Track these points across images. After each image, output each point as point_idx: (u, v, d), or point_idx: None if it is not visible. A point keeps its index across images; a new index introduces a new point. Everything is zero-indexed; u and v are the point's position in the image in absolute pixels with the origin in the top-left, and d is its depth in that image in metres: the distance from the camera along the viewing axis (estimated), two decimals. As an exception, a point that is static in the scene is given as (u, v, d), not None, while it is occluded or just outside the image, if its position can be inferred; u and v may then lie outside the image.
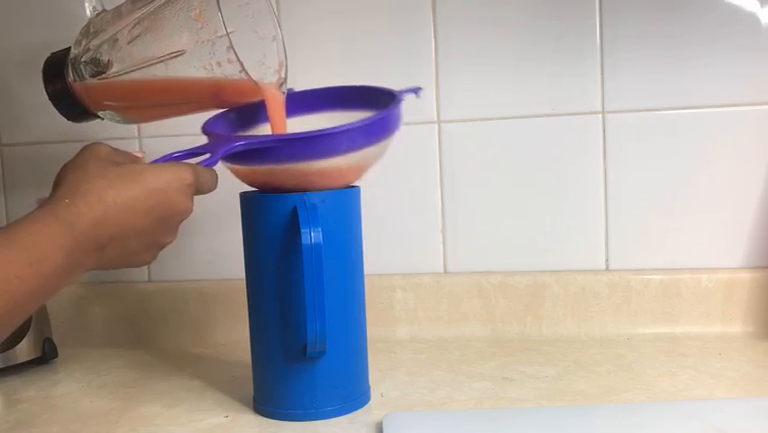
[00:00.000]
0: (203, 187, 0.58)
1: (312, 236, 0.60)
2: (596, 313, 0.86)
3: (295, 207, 0.61)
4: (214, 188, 0.59)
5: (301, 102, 0.72)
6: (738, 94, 0.84)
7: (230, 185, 0.71)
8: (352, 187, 0.67)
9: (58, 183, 0.53)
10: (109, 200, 0.51)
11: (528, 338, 0.86)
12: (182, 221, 0.57)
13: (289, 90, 0.72)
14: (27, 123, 0.97)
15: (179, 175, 0.55)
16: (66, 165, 0.55)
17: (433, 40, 0.89)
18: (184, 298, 0.93)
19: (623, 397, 0.66)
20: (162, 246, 0.57)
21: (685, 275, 0.85)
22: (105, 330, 0.95)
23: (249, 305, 0.67)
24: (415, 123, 0.89)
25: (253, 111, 0.70)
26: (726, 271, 0.84)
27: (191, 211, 0.57)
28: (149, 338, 0.93)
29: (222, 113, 0.70)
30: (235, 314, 0.89)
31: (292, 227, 0.62)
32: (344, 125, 0.61)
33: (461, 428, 0.59)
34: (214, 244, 0.94)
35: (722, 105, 0.84)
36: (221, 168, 0.66)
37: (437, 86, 0.89)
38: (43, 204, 0.51)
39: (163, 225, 0.55)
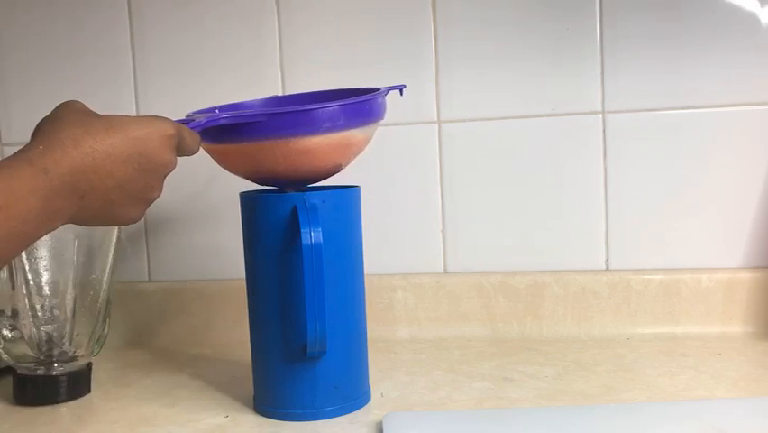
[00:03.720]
0: (184, 143, 0.57)
1: (312, 236, 0.60)
2: (596, 313, 0.86)
3: (295, 207, 0.61)
4: (197, 149, 0.59)
5: (291, 104, 0.72)
6: (738, 94, 0.84)
7: (230, 185, 0.71)
8: (352, 187, 0.67)
9: (33, 135, 0.52)
10: (86, 146, 0.50)
11: (528, 338, 0.86)
12: (165, 175, 0.56)
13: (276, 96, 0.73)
14: (27, 122, 0.97)
15: (160, 126, 0.54)
16: (43, 119, 0.54)
17: (433, 40, 0.89)
18: (184, 298, 0.93)
19: (623, 397, 0.66)
20: (148, 202, 0.56)
21: (685, 275, 0.85)
22: (105, 330, 0.95)
23: (249, 305, 0.67)
24: (415, 123, 0.89)
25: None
26: (726, 271, 0.84)
27: (174, 165, 0.56)
28: (149, 338, 0.93)
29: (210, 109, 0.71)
30: (235, 314, 0.89)
31: (292, 227, 0.62)
32: (325, 103, 0.62)
33: (461, 428, 0.59)
34: (214, 244, 0.94)
35: (722, 105, 0.84)
36: (213, 165, 0.66)
37: (437, 86, 0.89)
38: (17, 152, 0.50)
39: (145, 178, 0.54)
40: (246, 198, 0.66)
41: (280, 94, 0.76)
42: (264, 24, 0.91)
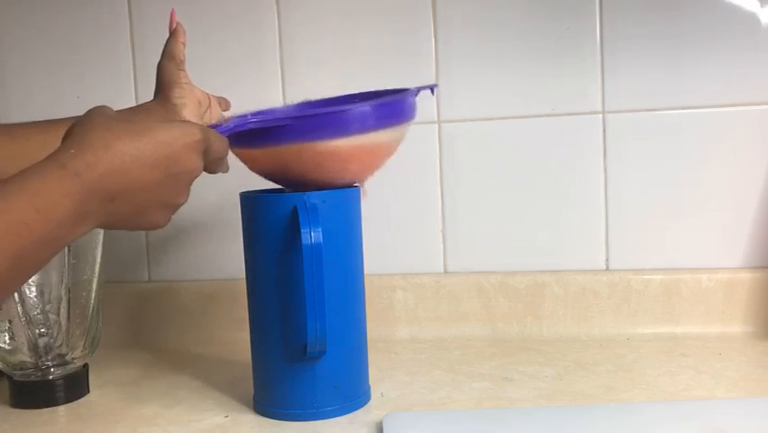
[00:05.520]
0: (212, 148, 0.57)
1: (312, 236, 0.60)
2: (596, 313, 0.86)
3: (295, 207, 0.61)
4: (225, 153, 0.59)
5: (321, 108, 0.72)
6: (738, 94, 0.84)
7: (230, 185, 0.71)
8: (353, 187, 0.67)
9: (64, 139, 0.53)
10: (117, 150, 0.51)
11: (528, 338, 0.86)
12: (192, 180, 0.56)
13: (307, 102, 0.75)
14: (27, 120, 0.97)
15: (188, 130, 0.54)
16: (72, 124, 0.54)
17: (433, 39, 0.89)
18: (184, 298, 0.93)
19: (623, 397, 0.66)
20: (175, 207, 0.56)
21: (685, 275, 0.85)
22: (105, 330, 0.94)
23: (249, 305, 0.67)
24: (415, 123, 0.88)
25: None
26: (726, 271, 0.84)
27: (201, 170, 0.56)
28: (149, 338, 0.93)
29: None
30: (235, 314, 0.89)
31: (292, 227, 0.62)
32: (352, 105, 0.62)
33: (461, 428, 0.59)
34: (214, 244, 0.94)
35: (722, 105, 0.84)
36: (233, 161, 0.66)
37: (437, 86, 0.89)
38: (48, 156, 0.50)
39: (173, 182, 0.54)
40: (246, 198, 0.66)
41: (312, 99, 0.77)
42: (264, 20, 0.91)
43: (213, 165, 0.58)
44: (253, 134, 0.62)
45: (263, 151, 0.63)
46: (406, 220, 0.91)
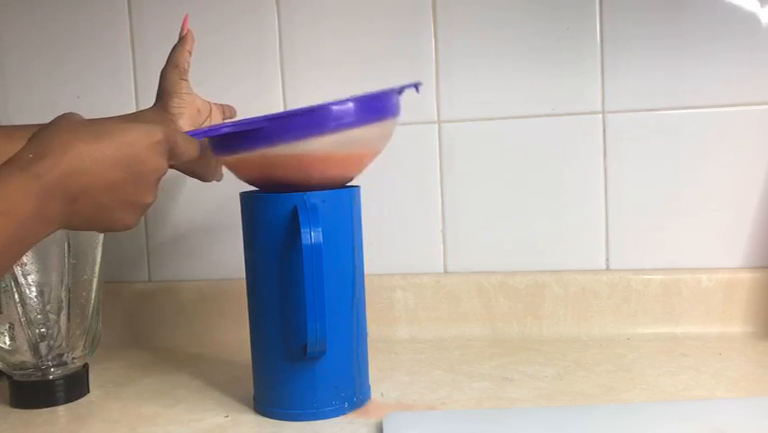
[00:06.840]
0: (177, 148, 0.57)
1: (312, 236, 0.60)
2: (596, 313, 0.86)
3: (295, 207, 0.61)
4: (194, 155, 0.59)
5: None
6: (738, 94, 0.84)
7: (229, 185, 0.71)
8: (353, 187, 0.67)
9: (26, 144, 0.53)
10: (76, 151, 0.51)
11: (528, 338, 0.86)
12: (157, 180, 0.56)
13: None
14: (27, 120, 0.97)
15: (148, 131, 0.55)
16: (38, 129, 0.55)
17: (433, 39, 0.89)
18: (184, 298, 0.93)
19: (623, 397, 0.66)
20: (142, 207, 0.56)
21: (685, 275, 0.85)
22: (104, 330, 0.95)
23: (249, 305, 0.67)
24: (415, 123, 0.89)
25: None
26: (726, 271, 0.84)
27: (164, 169, 0.56)
28: (149, 338, 0.93)
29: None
30: (235, 314, 0.89)
31: (292, 227, 0.62)
32: (326, 102, 0.61)
33: (461, 428, 0.59)
34: (215, 244, 0.94)
35: (722, 105, 0.84)
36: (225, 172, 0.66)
37: (437, 86, 0.89)
38: (7, 160, 0.51)
39: (136, 182, 0.54)
40: (246, 198, 0.66)
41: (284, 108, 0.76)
42: (264, 20, 0.91)
43: (196, 168, 0.58)
44: (235, 140, 0.62)
45: (244, 156, 0.62)
46: (406, 220, 0.91)
